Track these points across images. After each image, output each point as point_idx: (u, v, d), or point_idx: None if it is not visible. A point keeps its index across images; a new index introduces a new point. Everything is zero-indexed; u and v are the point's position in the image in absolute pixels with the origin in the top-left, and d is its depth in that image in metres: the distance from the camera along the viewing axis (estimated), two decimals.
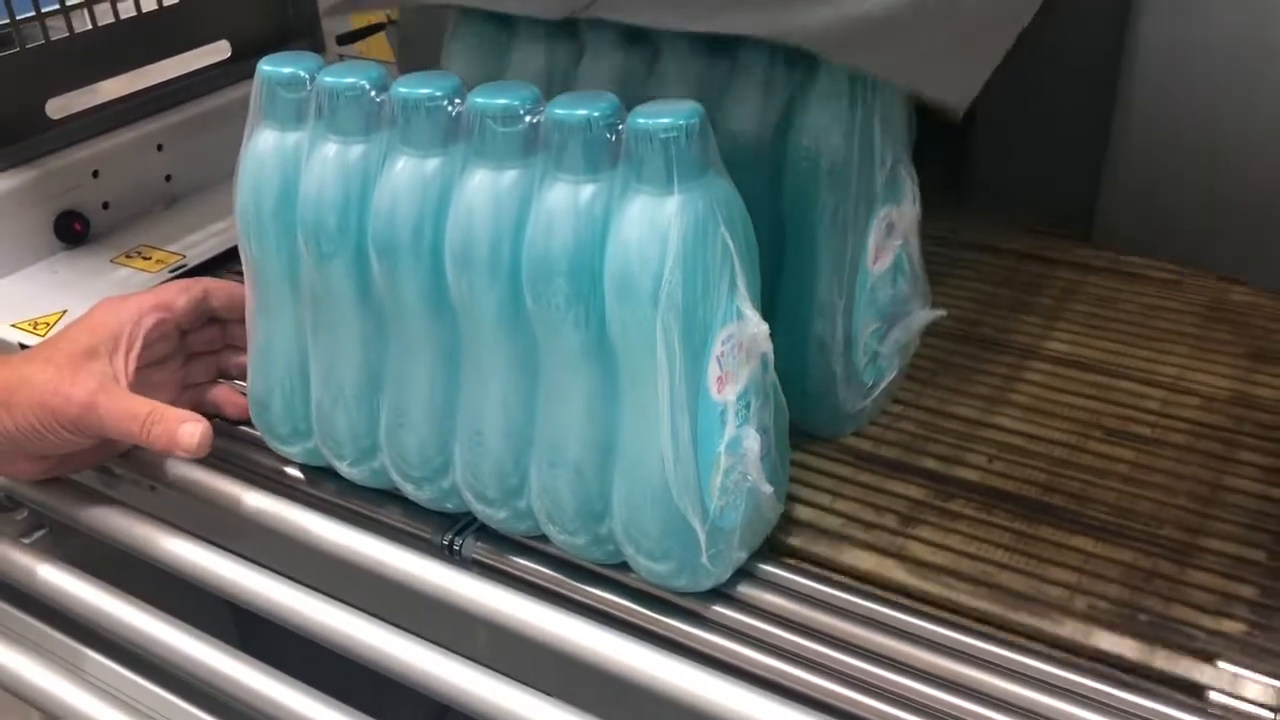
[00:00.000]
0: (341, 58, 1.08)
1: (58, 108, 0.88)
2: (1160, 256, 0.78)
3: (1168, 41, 0.73)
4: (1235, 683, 0.47)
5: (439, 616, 0.54)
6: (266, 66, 0.54)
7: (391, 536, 0.56)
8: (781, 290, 0.56)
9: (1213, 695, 0.46)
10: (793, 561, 0.54)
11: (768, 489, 0.51)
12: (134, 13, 0.91)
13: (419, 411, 0.54)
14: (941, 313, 0.63)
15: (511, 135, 0.47)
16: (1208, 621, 0.49)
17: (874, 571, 0.53)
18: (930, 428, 0.63)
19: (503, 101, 0.48)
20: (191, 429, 0.55)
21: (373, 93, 0.51)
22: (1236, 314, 0.72)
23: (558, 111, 0.46)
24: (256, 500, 0.59)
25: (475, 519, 0.56)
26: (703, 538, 0.48)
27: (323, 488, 0.60)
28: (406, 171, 0.50)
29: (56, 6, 0.87)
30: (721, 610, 0.51)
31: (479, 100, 0.48)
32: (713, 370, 0.47)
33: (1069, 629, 0.49)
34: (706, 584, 0.51)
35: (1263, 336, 0.70)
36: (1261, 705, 0.46)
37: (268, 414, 0.60)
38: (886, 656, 0.49)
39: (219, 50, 1.00)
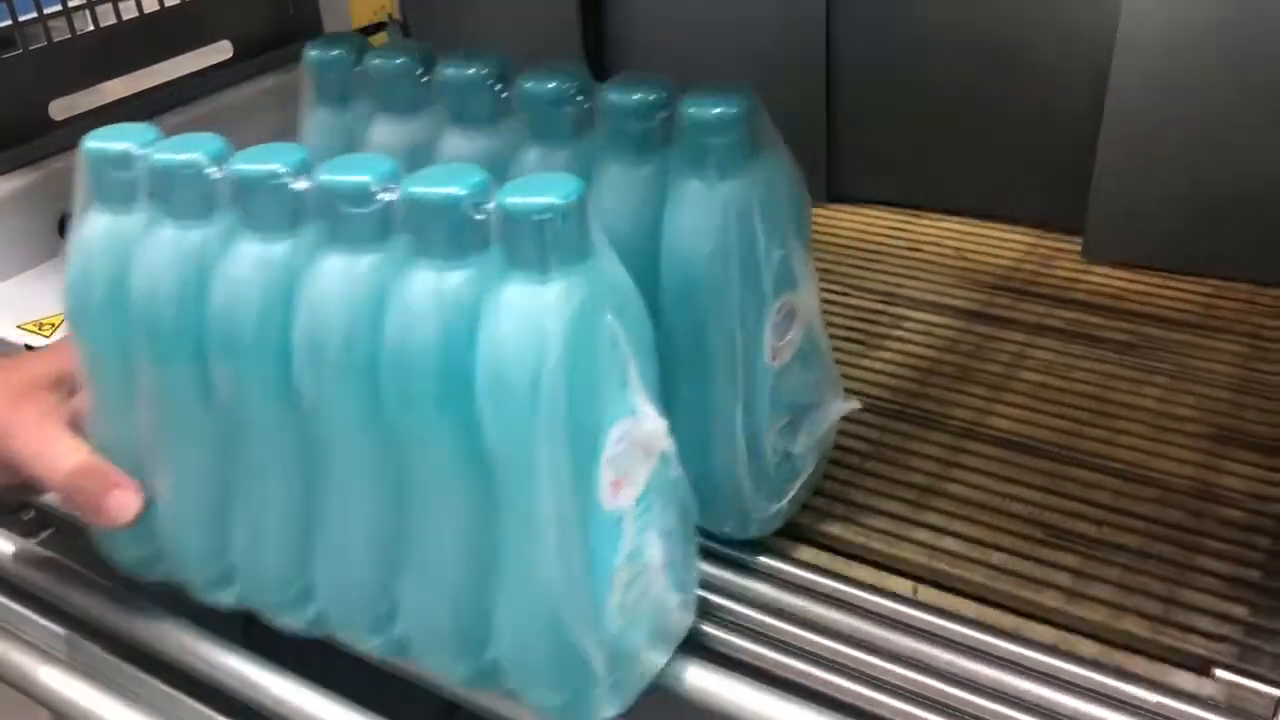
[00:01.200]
0: None
1: (61, 109, 0.88)
2: (1152, 267, 0.78)
3: (1155, 40, 0.73)
4: None
5: None
6: (91, 144, 0.47)
7: None
8: (677, 395, 0.49)
9: None
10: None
11: (674, 598, 0.47)
12: (136, 14, 0.92)
13: (274, 533, 0.48)
14: (855, 404, 0.57)
15: (365, 216, 0.41)
16: None
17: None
18: (855, 528, 0.57)
19: (355, 179, 0.41)
20: (124, 500, 0.48)
21: (210, 169, 0.44)
22: (1199, 379, 0.67)
23: (416, 190, 0.40)
24: None
25: None
26: (601, 666, 0.43)
27: None
28: (248, 259, 0.44)
29: (59, 8, 0.87)
30: None
31: (327, 177, 0.42)
32: (605, 475, 0.42)
33: None
34: (605, 715, 0.46)
35: (1228, 412, 0.64)
36: None
37: (109, 537, 0.53)
38: None
39: (221, 51, 1.00)
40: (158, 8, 0.93)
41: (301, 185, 0.43)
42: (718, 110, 0.47)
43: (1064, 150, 0.80)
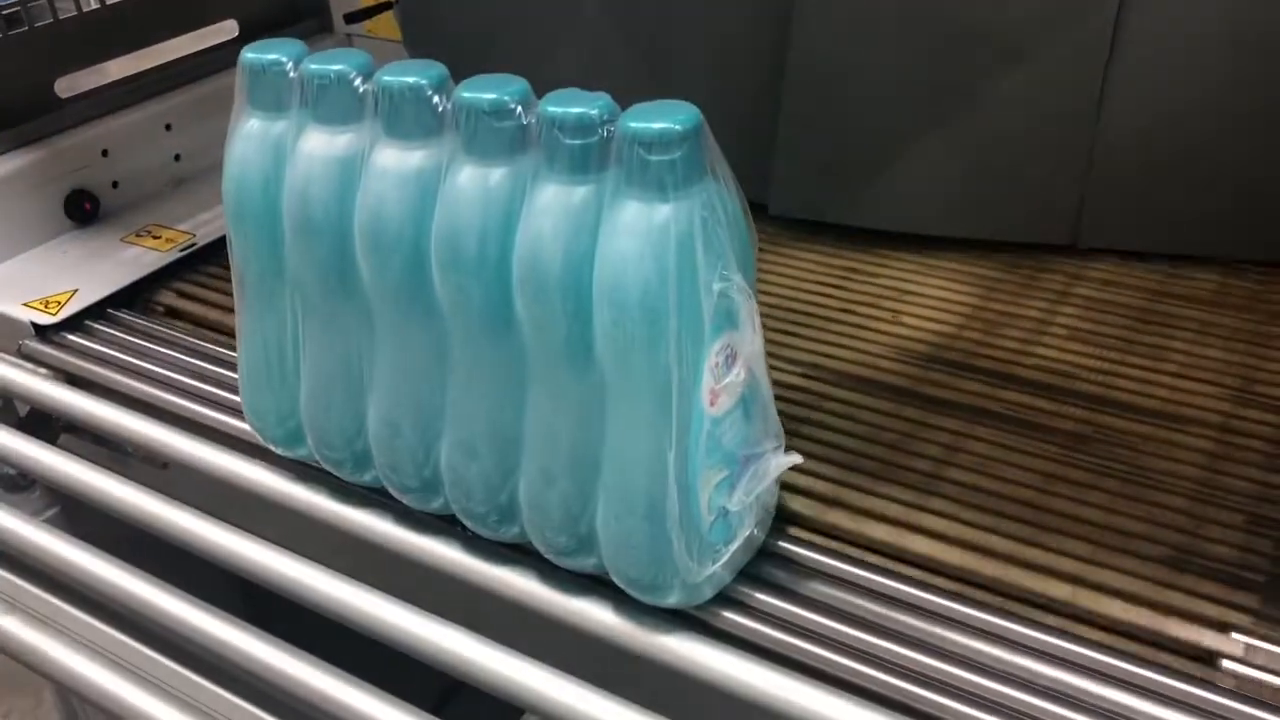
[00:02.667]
0: (349, 37, 1.08)
1: (66, 87, 0.88)
2: (1149, 257, 0.77)
3: (1153, 34, 0.72)
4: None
5: (450, 591, 0.54)
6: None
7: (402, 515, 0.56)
8: (606, 443, 0.47)
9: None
10: None
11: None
12: None
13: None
14: (796, 458, 0.52)
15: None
16: None
17: None
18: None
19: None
20: None
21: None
22: (1153, 481, 0.58)
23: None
24: (266, 477, 0.60)
25: None
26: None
27: None
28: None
29: None
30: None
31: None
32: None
33: None
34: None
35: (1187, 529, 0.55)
36: None
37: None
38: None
39: (227, 29, 1.00)
40: None
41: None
42: (660, 127, 0.43)
43: (1047, 157, 0.78)
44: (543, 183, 0.46)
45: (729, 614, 0.51)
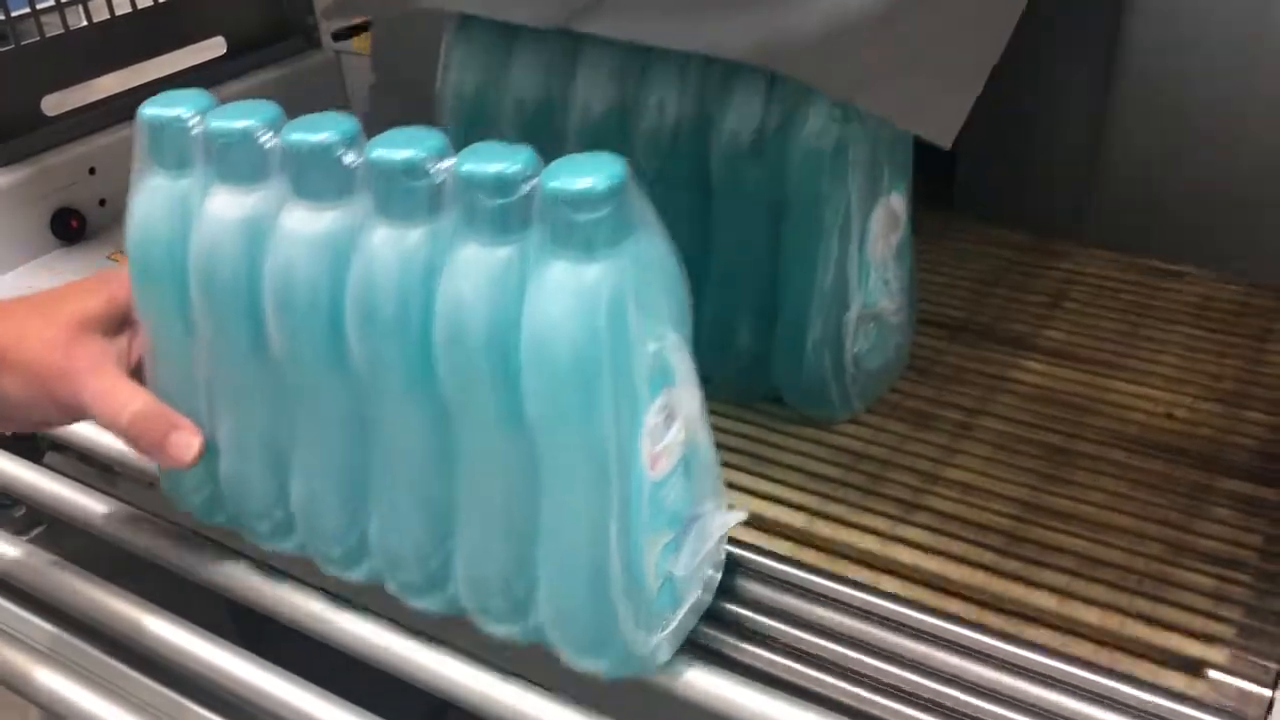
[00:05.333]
0: (338, 54, 1.08)
1: (54, 104, 0.88)
2: (1154, 255, 0.78)
3: (1159, 38, 0.73)
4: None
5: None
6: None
7: None
8: (542, 513, 0.45)
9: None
10: None
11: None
12: (130, 9, 0.91)
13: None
14: (742, 515, 0.51)
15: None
16: None
17: None
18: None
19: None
20: (187, 441, 0.51)
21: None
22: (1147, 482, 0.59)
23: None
24: None
25: None
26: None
27: None
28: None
29: (52, 3, 0.86)
30: None
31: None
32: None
33: None
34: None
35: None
36: None
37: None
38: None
39: (215, 46, 1.00)
40: (151, 3, 0.93)
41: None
42: (584, 185, 0.41)
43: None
44: (462, 243, 0.43)
45: (716, 633, 0.51)
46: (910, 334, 0.68)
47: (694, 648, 0.50)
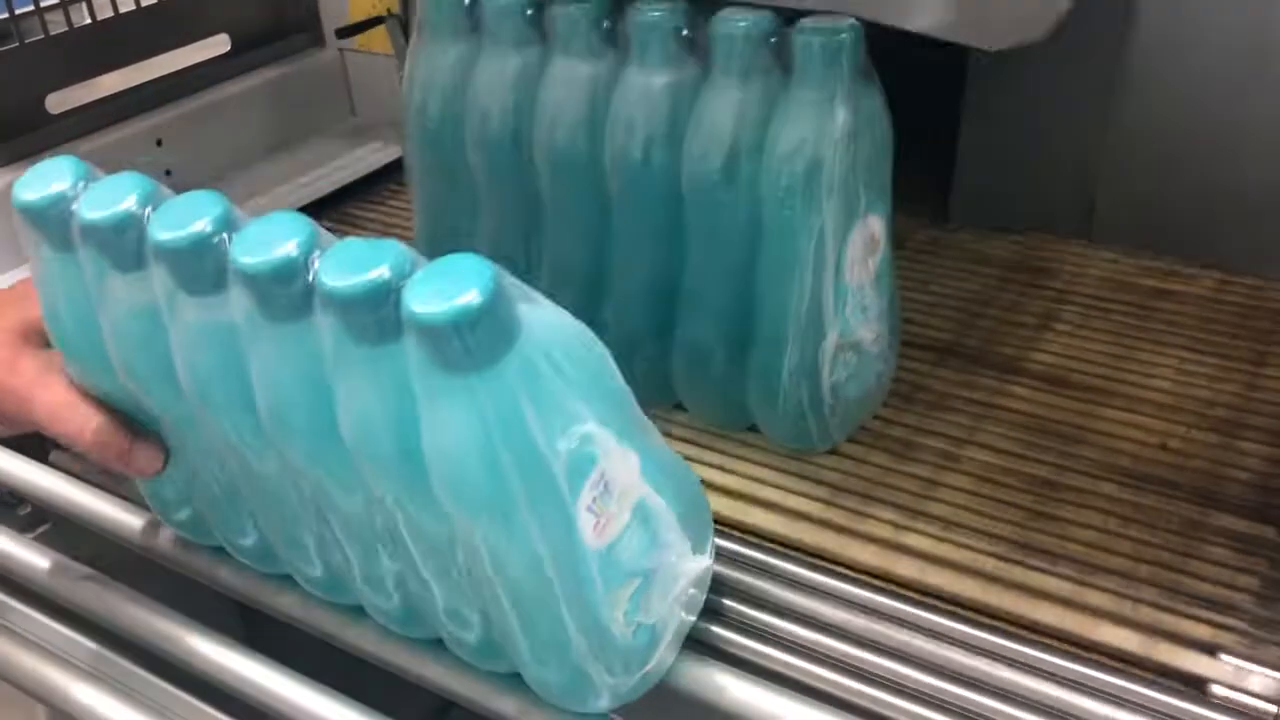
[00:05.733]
0: (341, 52, 1.08)
1: (57, 102, 0.88)
2: (1159, 257, 0.78)
3: (1164, 38, 0.73)
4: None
5: None
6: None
7: None
8: (499, 593, 0.43)
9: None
10: None
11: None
12: (133, 6, 0.91)
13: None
14: (707, 562, 0.49)
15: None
16: None
17: None
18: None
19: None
20: (151, 453, 0.50)
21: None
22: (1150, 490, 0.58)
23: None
24: None
25: None
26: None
27: None
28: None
29: (55, 1, 0.86)
30: None
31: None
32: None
33: None
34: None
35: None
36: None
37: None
38: None
39: (218, 44, 1.00)
40: (154, 1, 0.93)
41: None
42: (447, 309, 0.36)
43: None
44: (345, 350, 0.39)
45: (722, 630, 0.51)
46: (893, 360, 0.65)
47: (697, 645, 0.50)
